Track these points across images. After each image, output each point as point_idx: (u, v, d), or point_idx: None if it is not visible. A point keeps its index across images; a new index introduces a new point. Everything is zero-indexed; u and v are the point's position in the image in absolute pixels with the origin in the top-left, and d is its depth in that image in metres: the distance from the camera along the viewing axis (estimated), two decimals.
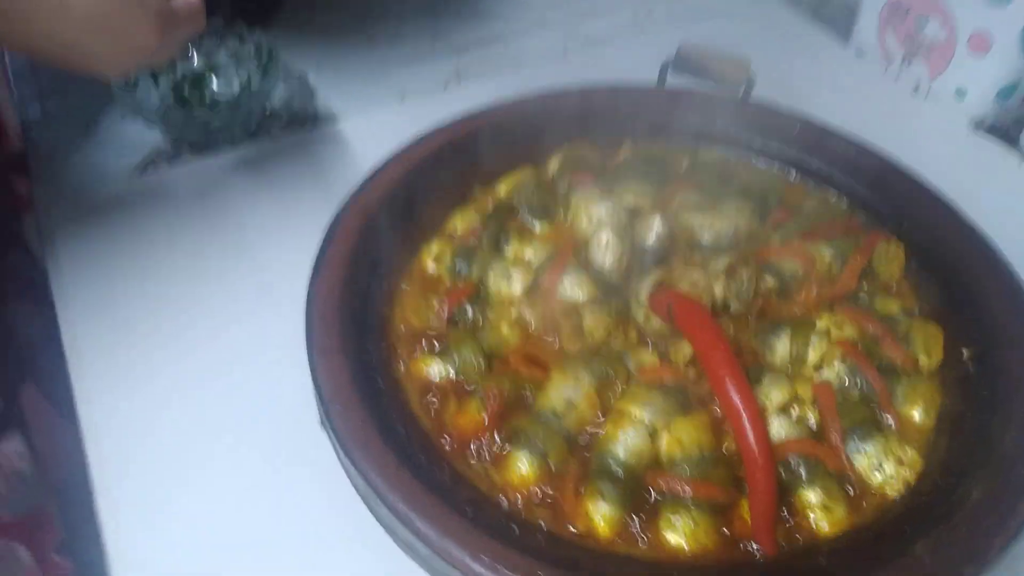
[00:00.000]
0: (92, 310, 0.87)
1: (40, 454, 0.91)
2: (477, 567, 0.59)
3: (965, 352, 0.78)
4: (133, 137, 1.08)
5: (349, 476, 0.68)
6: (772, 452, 0.68)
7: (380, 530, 0.67)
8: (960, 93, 1.13)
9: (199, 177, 1.03)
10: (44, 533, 0.89)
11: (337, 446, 0.67)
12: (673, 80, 1.01)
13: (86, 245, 0.93)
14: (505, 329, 0.80)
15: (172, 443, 0.77)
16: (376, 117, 1.13)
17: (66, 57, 0.69)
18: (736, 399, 0.68)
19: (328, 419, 0.67)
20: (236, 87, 1.08)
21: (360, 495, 0.68)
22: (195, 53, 1.08)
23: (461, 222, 0.91)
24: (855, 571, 0.62)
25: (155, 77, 1.06)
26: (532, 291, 0.82)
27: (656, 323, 0.78)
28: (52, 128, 1.10)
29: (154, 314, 0.87)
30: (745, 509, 0.67)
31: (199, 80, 1.08)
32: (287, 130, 1.11)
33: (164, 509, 0.72)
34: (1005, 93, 1.11)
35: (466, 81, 1.21)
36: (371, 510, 0.68)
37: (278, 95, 1.11)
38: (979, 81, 1.11)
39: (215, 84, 1.09)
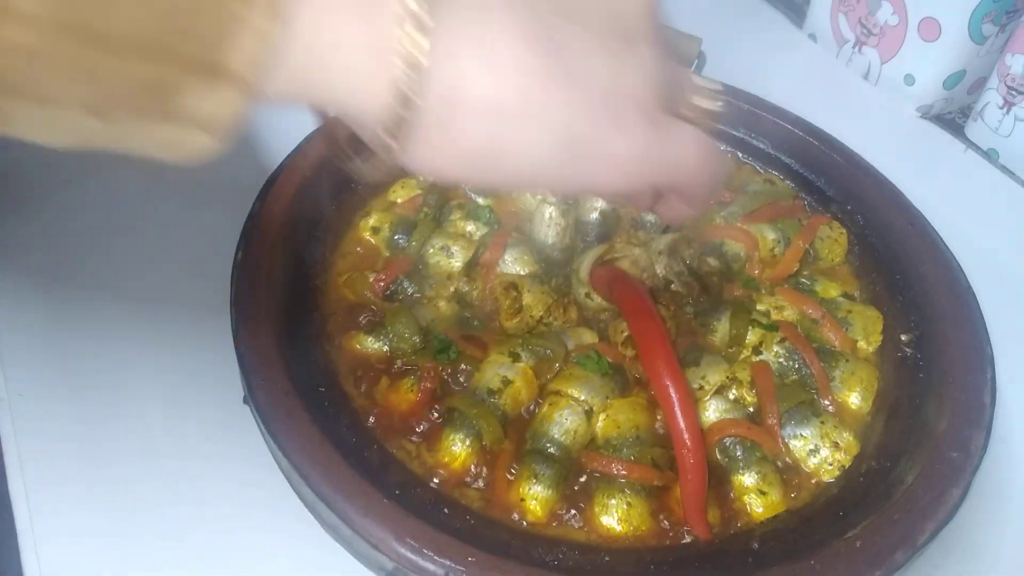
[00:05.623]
0: (10, 279, 0.82)
1: None
2: (402, 550, 0.56)
3: (903, 337, 0.77)
4: None
5: (272, 453, 0.66)
6: (702, 434, 0.67)
7: (306, 512, 0.65)
8: (909, 79, 1.13)
9: None
10: None
11: (259, 421, 0.63)
12: None
13: None
14: (443, 305, 0.78)
15: (92, 416, 0.73)
16: None
17: None
18: (667, 380, 0.67)
19: (251, 392, 0.63)
20: None
21: (283, 474, 0.66)
22: None
23: (402, 193, 0.88)
24: (788, 556, 0.61)
25: None
26: (472, 266, 0.80)
27: (597, 301, 0.76)
28: None
29: (75, 285, 0.82)
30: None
31: None
32: None
33: (81, 492, 0.68)
34: (952, 81, 1.11)
35: None
36: (295, 489, 0.65)
37: None
38: (928, 68, 1.11)
39: None
